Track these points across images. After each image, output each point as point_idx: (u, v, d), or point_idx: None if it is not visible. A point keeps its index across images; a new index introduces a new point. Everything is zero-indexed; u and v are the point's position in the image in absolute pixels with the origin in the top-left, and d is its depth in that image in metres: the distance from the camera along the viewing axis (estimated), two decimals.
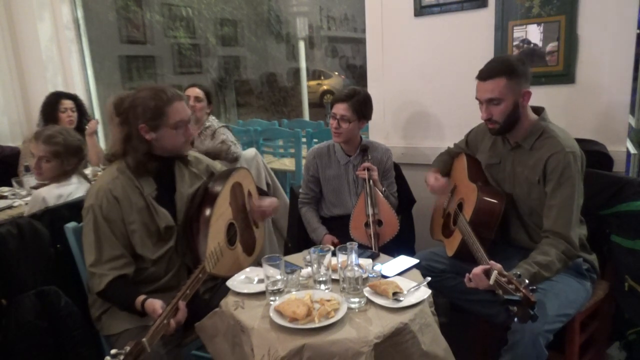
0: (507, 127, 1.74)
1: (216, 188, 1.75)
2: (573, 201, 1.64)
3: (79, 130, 3.12)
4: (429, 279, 1.54)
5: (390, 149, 2.33)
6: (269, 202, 1.99)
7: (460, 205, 1.93)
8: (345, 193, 2.28)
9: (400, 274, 1.62)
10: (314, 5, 10.49)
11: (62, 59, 4.04)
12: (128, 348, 1.18)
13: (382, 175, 2.26)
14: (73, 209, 1.85)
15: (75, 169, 2.17)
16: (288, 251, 2.53)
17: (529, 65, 1.73)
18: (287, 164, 4.32)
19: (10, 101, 3.98)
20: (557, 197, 1.65)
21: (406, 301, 1.41)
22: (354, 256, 1.44)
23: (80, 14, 4.06)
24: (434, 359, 1.38)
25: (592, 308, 1.81)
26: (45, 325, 1.66)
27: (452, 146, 2.22)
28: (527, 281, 1.30)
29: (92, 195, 1.62)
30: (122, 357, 1.16)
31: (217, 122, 3.04)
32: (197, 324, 1.57)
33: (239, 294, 1.53)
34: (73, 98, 3.28)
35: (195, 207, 1.71)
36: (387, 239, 2.09)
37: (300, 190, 2.38)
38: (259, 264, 1.55)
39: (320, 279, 1.52)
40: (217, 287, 1.79)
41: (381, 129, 2.69)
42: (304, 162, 2.61)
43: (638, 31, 2.03)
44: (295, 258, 1.79)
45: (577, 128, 2.03)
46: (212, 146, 2.87)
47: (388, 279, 1.53)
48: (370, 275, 1.54)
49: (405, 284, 1.50)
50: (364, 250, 1.82)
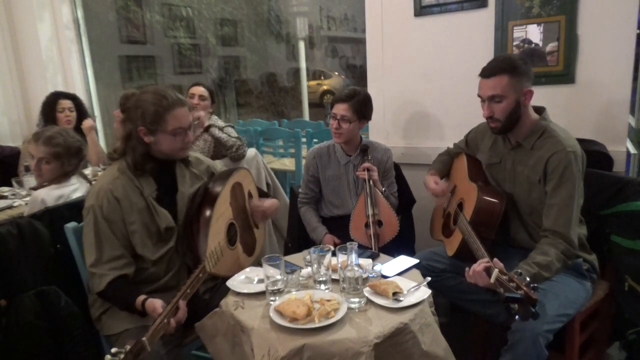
0: (508, 126, 1.74)
1: (216, 188, 1.75)
2: (573, 201, 1.64)
3: (77, 130, 3.13)
4: (429, 279, 1.54)
5: (391, 149, 2.33)
6: (270, 203, 1.99)
7: (460, 205, 1.93)
8: (345, 193, 2.28)
9: (400, 274, 1.62)
10: (314, 5, 10.49)
11: (62, 59, 4.04)
12: (128, 347, 1.19)
13: (383, 175, 2.26)
14: (73, 209, 1.85)
15: (75, 170, 2.16)
16: (288, 251, 2.53)
17: (531, 65, 1.73)
18: (287, 164, 4.32)
19: (10, 101, 3.98)
20: (558, 196, 1.65)
21: (406, 301, 1.41)
22: (354, 256, 1.44)
23: (80, 14, 4.06)
24: (434, 359, 1.38)
25: (592, 308, 1.81)
26: (45, 325, 1.66)
27: (452, 146, 2.22)
28: (528, 279, 1.31)
29: (92, 196, 1.62)
30: (123, 355, 1.17)
31: (222, 122, 3.04)
32: (197, 324, 1.57)
33: (239, 294, 1.53)
34: (72, 98, 3.27)
35: (195, 207, 1.71)
36: (387, 240, 2.09)
37: (300, 190, 2.38)
38: (259, 264, 1.55)
39: (320, 279, 1.52)
40: (217, 287, 1.79)
41: (381, 129, 2.69)
42: (304, 162, 2.61)
43: (638, 31, 2.03)
44: (295, 258, 1.79)
45: (577, 128, 2.04)
46: (227, 138, 2.86)
47: (388, 279, 1.53)
48: (370, 275, 1.55)
49: (405, 284, 1.50)
50: (364, 250, 1.82)
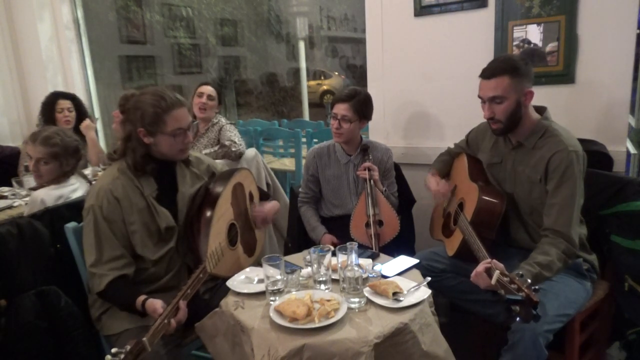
0: (510, 127, 1.74)
1: (217, 188, 1.75)
2: (574, 200, 1.64)
3: (77, 131, 3.13)
4: (429, 279, 1.54)
5: (391, 148, 2.33)
6: (270, 206, 1.99)
7: (461, 205, 1.93)
8: (345, 193, 2.28)
9: (400, 274, 1.62)
10: (314, 5, 10.49)
11: (62, 59, 4.04)
12: (129, 347, 1.19)
13: (383, 175, 2.26)
14: (73, 209, 1.85)
15: (73, 170, 2.16)
16: (288, 251, 2.53)
17: (532, 65, 1.73)
18: (287, 164, 4.32)
19: (10, 101, 3.98)
20: (559, 195, 1.65)
21: (406, 301, 1.41)
22: (354, 256, 1.44)
23: (80, 14, 4.06)
24: (434, 359, 1.38)
25: (592, 308, 1.81)
26: (45, 325, 1.66)
27: (452, 146, 2.22)
28: (529, 281, 1.30)
29: (92, 196, 1.62)
30: (123, 356, 1.17)
31: (225, 119, 3.04)
32: (197, 324, 1.57)
33: (239, 294, 1.53)
34: (71, 98, 3.27)
35: (196, 208, 1.71)
36: (388, 239, 2.09)
37: (300, 190, 2.38)
38: (259, 264, 1.55)
39: (320, 279, 1.52)
40: (217, 287, 1.78)
41: (381, 129, 2.69)
42: (304, 162, 2.61)
43: (638, 31, 2.03)
44: (295, 258, 1.79)
45: (577, 128, 2.03)
46: (214, 152, 2.86)
47: (388, 279, 1.53)
48: (370, 275, 1.55)
49: (405, 284, 1.50)
50: (364, 250, 1.82)
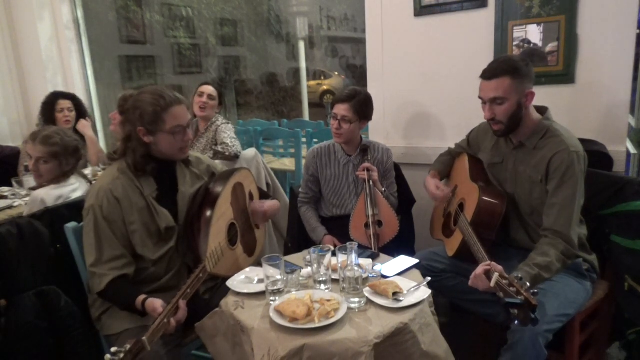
0: (511, 128, 1.74)
1: (217, 188, 1.75)
2: (575, 201, 1.64)
3: (77, 130, 3.13)
4: (429, 279, 1.54)
5: (391, 149, 2.33)
6: (270, 204, 1.99)
7: (461, 206, 1.93)
8: (345, 193, 2.28)
9: (400, 274, 1.62)
10: (314, 5, 10.49)
11: (62, 59, 4.04)
12: (128, 346, 1.19)
13: (383, 176, 2.25)
14: (73, 209, 1.85)
15: (73, 170, 2.16)
16: (288, 251, 2.53)
17: (532, 66, 1.73)
18: (287, 164, 4.32)
19: (10, 101, 3.98)
20: (559, 195, 1.65)
21: (406, 301, 1.41)
22: (354, 256, 1.44)
23: (80, 14, 4.06)
24: (434, 359, 1.38)
25: (592, 308, 1.81)
26: (45, 325, 1.66)
27: (452, 146, 2.22)
28: (528, 284, 1.30)
29: (92, 196, 1.62)
30: (122, 355, 1.17)
31: (222, 119, 3.04)
32: (197, 324, 1.57)
33: (239, 294, 1.53)
34: (71, 98, 3.27)
35: (196, 207, 1.71)
36: (387, 240, 2.09)
37: (300, 190, 2.38)
38: (259, 264, 1.55)
39: (320, 279, 1.52)
40: (217, 287, 1.79)
41: (381, 129, 2.69)
42: (304, 162, 2.61)
43: (638, 31, 2.03)
44: (295, 258, 1.79)
45: (577, 128, 2.03)
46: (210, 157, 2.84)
47: (388, 279, 1.53)
48: (370, 275, 1.55)
49: (405, 284, 1.50)
50: (364, 250, 1.82)
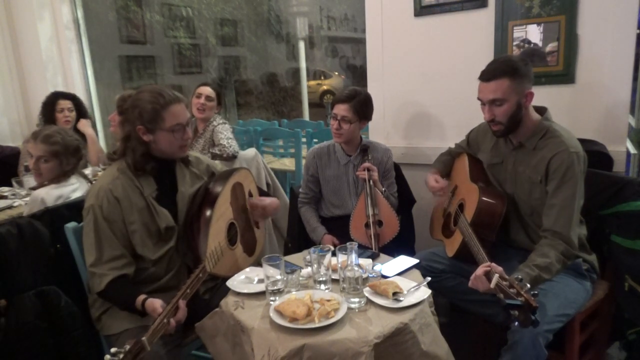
0: (511, 128, 1.74)
1: (217, 188, 1.75)
2: (574, 201, 1.63)
3: (77, 130, 3.13)
4: (429, 279, 1.54)
5: (391, 149, 2.33)
6: (269, 200, 1.99)
7: (461, 206, 1.93)
8: (345, 193, 2.28)
9: (400, 274, 1.62)
10: (314, 5, 10.49)
11: (62, 59, 4.04)
12: (128, 346, 1.19)
13: (383, 176, 2.25)
14: (73, 209, 1.85)
15: (74, 169, 2.16)
16: (288, 251, 2.53)
17: (531, 66, 1.73)
18: (287, 164, 4.32)
19: (10, 101, 3.98)
20: (559, 196, 1.65)
21: (406, 301, 1.41)
22: (354, 256, 1.44)
23: (80, 14, 4.06)
24: (434, 359, 1.38)
25: (592, 308, 1.81)
26: (45, 325, 1.66)
27: (452, 146, 2.22)
28: (528, 285, 1.30)
29: (92, 196, 1.62)
30: (122, 355, 1.17)
31: (219, 119, 3.04)
32: (197, 324, 1.57)
33: (239, 294, 1.53)
34: (71, 98, 3.28)
35: (196, 207, 1.71)
36: (388, 240, 2.09)
37: (300, 190, 2.38)
38: (259, 264, 1.55)
39: (320, 279, 1.52)
40: (217, 287, 1.79)
41: (381, 129, 2.69)
42: (304, 162, 2.61)
43: (638, 31, 2.03)
44: (295, 258, 1.79)
45: (577, 128, 2.03)
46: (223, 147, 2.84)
47: (388, 279, 1.53)
48: (370, 275, 1.55)
49: (405, 284, 1.50)
50: (364, 250, 1.82)
